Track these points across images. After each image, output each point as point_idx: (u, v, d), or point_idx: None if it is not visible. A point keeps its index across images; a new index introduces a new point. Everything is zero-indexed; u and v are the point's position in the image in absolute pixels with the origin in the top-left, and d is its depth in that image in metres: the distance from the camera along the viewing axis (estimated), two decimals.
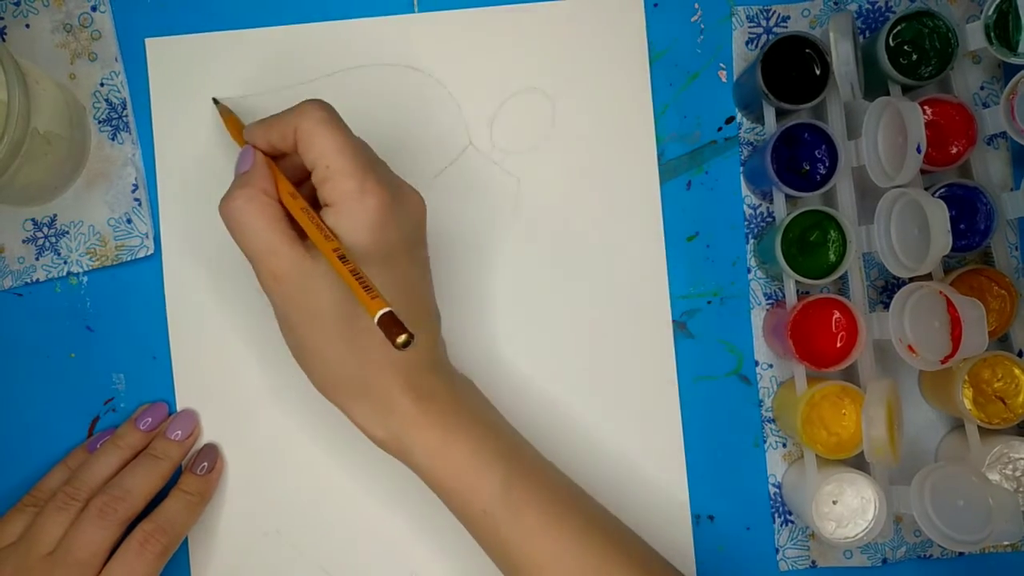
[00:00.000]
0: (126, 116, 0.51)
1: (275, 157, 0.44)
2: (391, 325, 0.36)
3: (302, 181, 0.44)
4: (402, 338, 0.36)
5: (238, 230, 0.41)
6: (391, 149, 0.51)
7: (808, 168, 0.48)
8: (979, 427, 0.47)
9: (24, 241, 0.51)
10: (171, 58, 0.51)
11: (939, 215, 0.42)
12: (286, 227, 0.41)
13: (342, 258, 0.39)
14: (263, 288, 0.42)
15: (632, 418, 0.51)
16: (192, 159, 0.51)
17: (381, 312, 0.36)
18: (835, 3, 0.52)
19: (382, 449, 0.44)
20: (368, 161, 0.42)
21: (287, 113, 0.42)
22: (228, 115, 0.49)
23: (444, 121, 0.52)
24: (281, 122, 0.42)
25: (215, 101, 0.51)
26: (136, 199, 0.51)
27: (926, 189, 0.47)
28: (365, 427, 0.43)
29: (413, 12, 0.52)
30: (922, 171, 0.47)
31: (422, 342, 0.43)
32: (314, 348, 0.42)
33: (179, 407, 0.51)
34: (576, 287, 0.51)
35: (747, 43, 0.52)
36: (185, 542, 0.50)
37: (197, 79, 0.51)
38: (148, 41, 0.51)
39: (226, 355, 0.51)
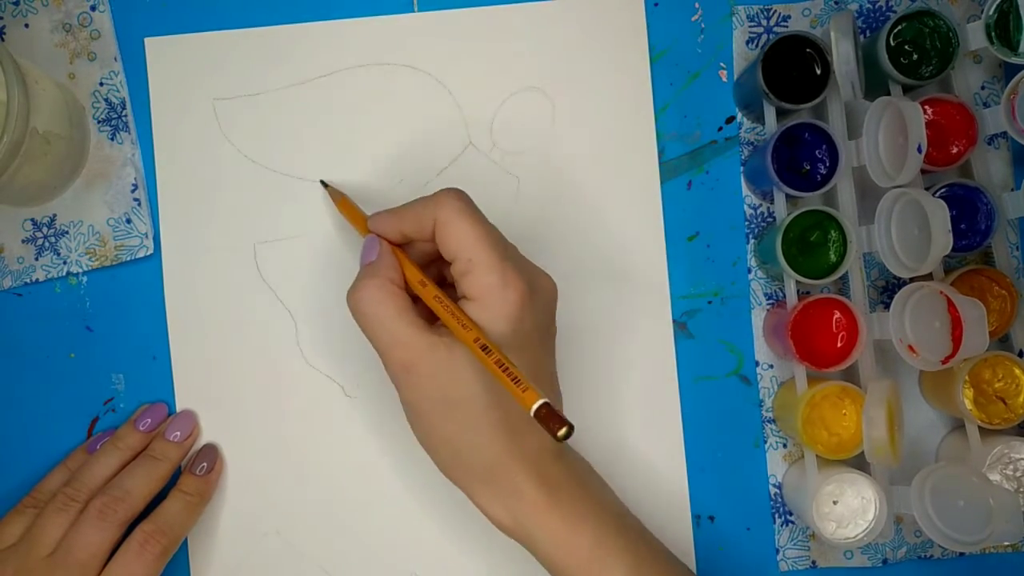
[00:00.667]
0: (125, 116, 0.51)
1: (400, 244, 0.44)
2: (549, 418, 0.36)
3: (425, 265, 0.44)
4: (563, 431, 0.35)
5: (366, 321, 0.41)
6: (391, 149, 0.51)
7: (808, 168, 0.48)
8: (980, 427, 0.47)
9: (24, 241, 0.51)
10: (170, 58, 0.51)
11: (940, 215, 0.42)
12: (414, 317, 0.41)
13: (484, 348, 0.39)
14: (391, 377, 0.42)
15: (632, 418, 0.51)
16: (192, 159, 0.51)
17: (538, 404, 0.36)
18: (836, 2, 0.52)
19: (504, 533, 0.43)
20: (505, 251, 0.42)
21: (423, 203, 0.42)
22: (340, 198, 0.48)
23: (444, 121, 0.52)
24: (417, 212, 0.42)
25: (323, 184, 0.50)
26: (136, 199, 0.51)
27: (927, 189, 0.47)
28: (490, 513, 0.43)
29: (413, 11, 0.52)
30: (923, 171, 0.47)
31: None
32: (444, 436, 0.42)
33: (179, 407, 0.51)
34: (576, 287, 0.51)
35: (747, 43, 0.52)
36: (185, 542, 0.50)
37: (196, 79, 0.51)
38: (147, 41, 0.51)
39: (226, 355, 0.51)
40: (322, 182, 0.50)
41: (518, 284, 0.41)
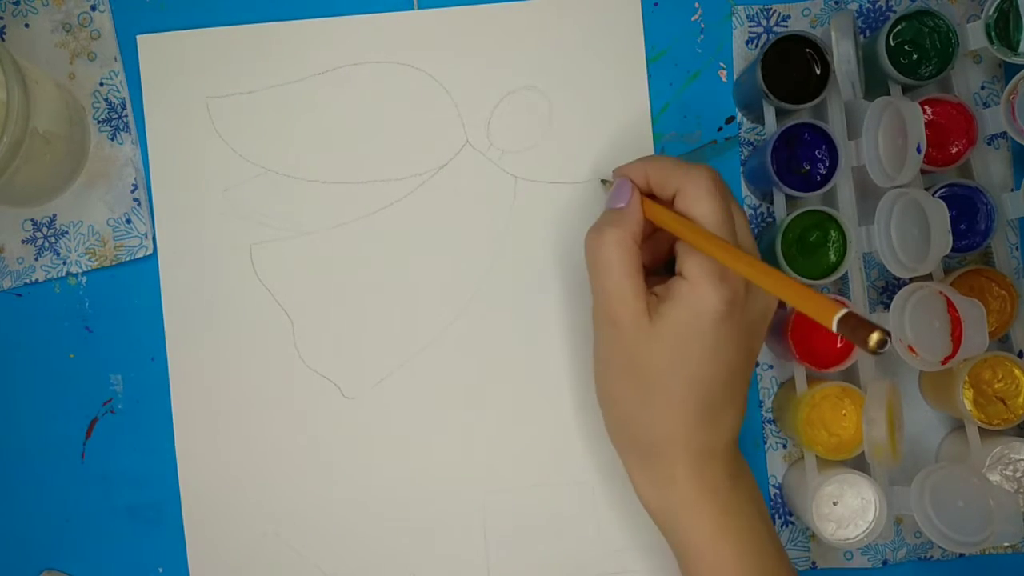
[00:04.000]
0: (126, 116, 0.51)
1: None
2: (858, 326, 0.32)
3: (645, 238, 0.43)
4: (875, 336, 0.31)
5: (599, 266, 0.41)
6: (387, 147, 0.51)
7: (808, 168, 0.48)
8: (979, 428, 0.47)
9: (24, 241, 0.51)
10: (163, 55, 0.51)
11: (939, 215, 0.42)
12: (641, 280, 0.41)
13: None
14: (595, 324, 0.42)
15: None
16: (186, 157, 0.51)
17: (840, 313, 0.32)
18: (836, 2, 0.52)
19: (646, 510, 0.43)
20: (737, 244, 0.41)
21: (678, 164, 0.42)
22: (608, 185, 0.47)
23: (441, 119, 0.51)
24: (668, 170, 0.42)
25: (603, 181, 0.49)
26: (135, 199, 0.51)
27: (926, 189, 0.47)
28: (642, 491, 0.43)
29: (413, 9, 0.52)
30: (922, 171, 0.47)
31: (723, 426, 0.43)
32: (622, 400, 0.43)
33: (175, 408, 0.51)
34: (574, 287, 0.51)
35: (747, 42, 0.52)
36: (183, 543, 0.50)
37: (190, 76, 0.51)
38: (140, 38, 0.51)
39: (223, 356, 0.51)
40: (602, 181, 0.50)
41: (735, 283, 0.40)
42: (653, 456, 0.42)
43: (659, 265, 0.45)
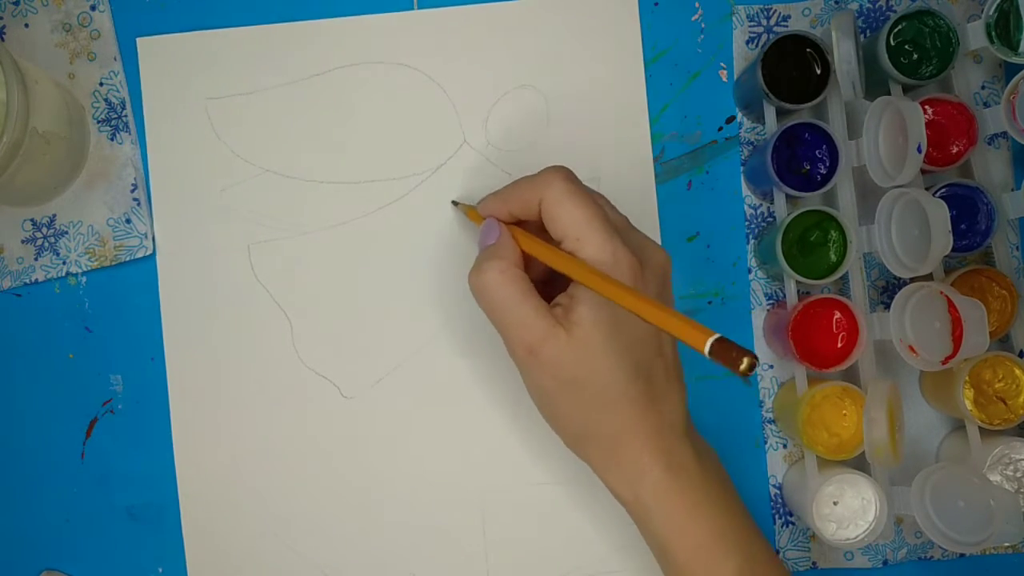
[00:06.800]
0: (125, 116, 0.51)
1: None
2: (728, 350, 0.33)
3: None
4: (745, 361, 0.32)
5: (491, 304, 0.41)
6: (385, 147, 0.51)
7: (808, 168, 0.48)
8: (980, 428, 0.47)
9: (23, 241, 0.51)
10: (163, 57, 0.51)
11: (940, 215, 0.42)
12: (538, 300, 0.41)
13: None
14: (514, 358, 0.42)
15: None
16: (185, 158, 0.51)
17: (712, 340, 0.34)
18: (836, 2, 0.52)
19: (623, 507, 0.43)
20: (613, 226, 0.41)
21: (528, 183, 0.42)
22: (468, 210, 0.48)
23: (439, 119, 0.51)
24: (522, 193, 0.43)
25: (454, 203, 0.50)
26: (135, 199, 0.51)
27: (927, 189, 0.47)
28: (614, 488, 0.43)
29: (413, 9, 0.52)
30: (923, 171, 0.47)
31: (673, 403, 0.43)
32: (569, 414, 0.42)
33: (173, 408, 0.51)
34: None
35: (748, 42, 0.52)
36: (182, 543, 0.50)
37: (189, 78, 0.51)
38: (140, 40, 0.51)
39: (221, 357, 0.51)
40: (453, 202, 0.50)
41: (629, 259, 0.40)
42: (619, 451, 0.42)
43: (546, 274, 0.44)
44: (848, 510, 0.46)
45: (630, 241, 0.42)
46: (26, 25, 0.51)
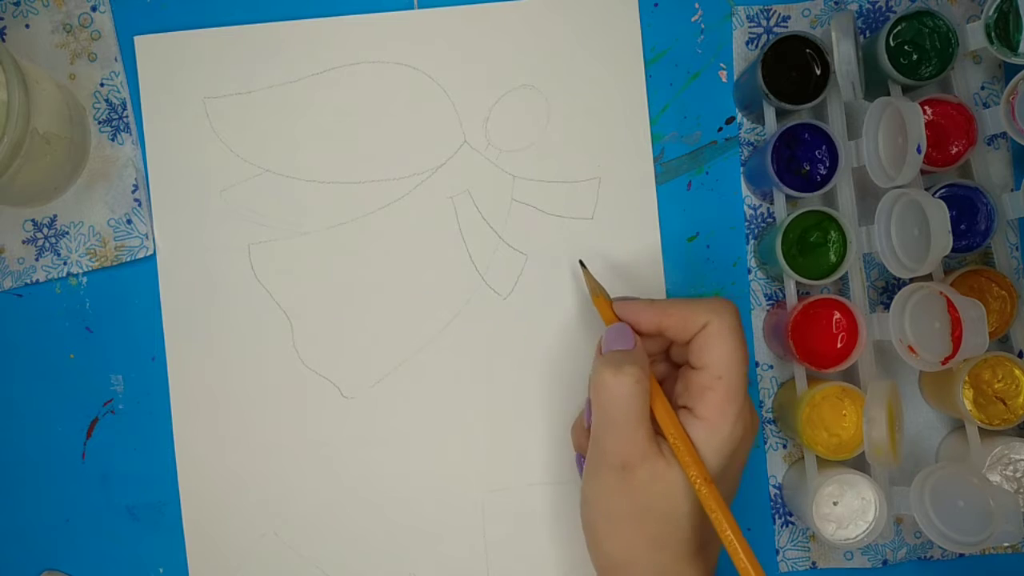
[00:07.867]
0: (126, 116, 0.51)
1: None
2: None
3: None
4: None
5: (615, 407, 0.40)
6: (385, 147, 0.51)
7: (808, 168, 0.48)
8: (979, 428, 0.47)
9: (24, 242, 0.51)
10: (161, 56, 0.51)
11: (939, 215, 0.42)
12: (651, 424, 0.41)
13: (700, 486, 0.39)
14: (599, 466, 0.41)
15: None
16: (184, 158, 0.51)
17: None
18: (836, 2, 0.52)
19: None
20: (746, 382, 0.41)
21: (694, 306, 0.41)
22: (590, 279, 0.47)
23: (439, 119, 0.52)
24: (686, 314, 0.41)
25: (581, 264, 0.49)
26: (136, 199, 0.51)
27: (926, 189, 0.47)
28: None
29: (413, 9, 0.52)
30: (922, 171, 0.47)
31: (716, 547, 0.43)
32: (622, 541, 0.41)
33: (174, 408, 0.51)
34: (571, 287, 0.51)
35: (747, 43, 0.52)
36: (183, 543, 0.50)
37: (187, 77, 0.51)
38: (138, 39, 0.51)
39: (222, 357, 0.51)
40: (581, 262, 0.49)
41: (749, 420, 0.41)
42: None
43: None
44: (848, 510, 0.46)
45: (751, 402, 0.42)
46: (27, 26, 0.51)
